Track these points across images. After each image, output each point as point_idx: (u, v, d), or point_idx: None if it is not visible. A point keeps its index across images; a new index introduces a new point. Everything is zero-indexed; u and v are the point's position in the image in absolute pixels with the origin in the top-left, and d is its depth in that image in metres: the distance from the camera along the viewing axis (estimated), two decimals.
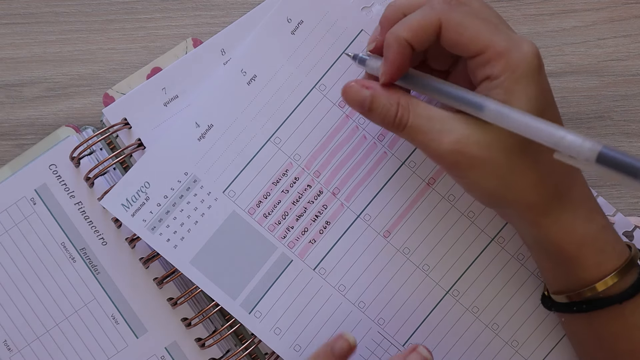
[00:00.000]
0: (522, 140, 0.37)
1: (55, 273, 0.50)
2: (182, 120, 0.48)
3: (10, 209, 0.50)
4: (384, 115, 0.40)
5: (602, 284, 0.40)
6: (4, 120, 0.52)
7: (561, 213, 0.39)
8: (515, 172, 0.38)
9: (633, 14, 0.52)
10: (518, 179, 0.39)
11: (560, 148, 0.34)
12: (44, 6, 0.52)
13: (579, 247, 0.40)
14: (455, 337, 0.49)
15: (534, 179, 0.39)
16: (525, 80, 0.37)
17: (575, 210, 0.40)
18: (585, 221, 0.40)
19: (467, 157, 0.38)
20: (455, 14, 0.38)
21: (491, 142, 0.38)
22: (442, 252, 0.49)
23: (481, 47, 0.37)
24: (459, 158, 0.38)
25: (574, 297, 0.41)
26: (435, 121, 0.39)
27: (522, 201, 0.40)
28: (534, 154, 0.38)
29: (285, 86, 0.49)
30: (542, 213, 0.40)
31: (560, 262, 0.41)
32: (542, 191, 0.39)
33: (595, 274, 0.40)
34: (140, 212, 0.48)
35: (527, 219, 0.40)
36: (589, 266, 0.40)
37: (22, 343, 0.49)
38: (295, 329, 0.49)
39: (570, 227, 0.40)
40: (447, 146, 0.38)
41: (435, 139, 0.38)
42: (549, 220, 0.40)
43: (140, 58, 0.52)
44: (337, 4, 0.48)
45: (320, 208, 0.49)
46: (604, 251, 0.40)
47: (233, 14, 0.52)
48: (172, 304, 0.49)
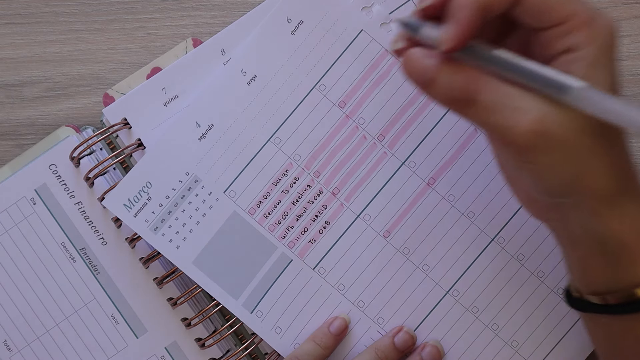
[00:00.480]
0: (600, 122, 0.33)
1: (55, 273, 0.50)
2: (182, 120, 0.48)
3: (10, 209, 0.50)
4: (450, 88, 0.35)
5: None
6: (4, 120, 0.52)
7: (627, 203, 0.36)
8: (594, 156, 0.35)
9: (633, 14, 0.52)
10: (596, 162, 0.35)
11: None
12: (44, 6, 0.52)
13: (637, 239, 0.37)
14: (455, 337, 0.49)
15: (610, 163, 0.35)
16: (609, 54, 0.34)
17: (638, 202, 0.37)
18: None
19: (548, 138, 0.34)
20: None
21: (572, 122, 0.34)
22: (442, 252, 0.49)
23: (566, 15, 0.34)
24: (538, 140, 0.34)
25: (618, 298, 0.38)
26: (511, 97, 0.34)
27: (595, 187, 0.36)
28: (610, 137, 0.35)
29: (285, 86, 0.49)
30: (609, 201, 0.36)
31: (614, 257, 0.38)
32: (615, 177, 0.36)
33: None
34: (143, 213, 0.48)
35: (591, 208, 0.37)
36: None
37: (22, 343, 0.49)
38: (296, 328, 0.49)
39: (634, 218, 0.37)
40: (526, 126, 0.33)
41: (512, 118, 0.34)
42: (615, 210, 0.36)
43: (140, 58, 0.52)
44: (337, 4, 0.48)
45: (320, 208, 0.49)
46: None
47: (233, 14, 0.52)
48: (172, 304, 0.49)
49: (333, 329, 0.48)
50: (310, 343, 0.48)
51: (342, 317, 0.49)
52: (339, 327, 0.48)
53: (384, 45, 0.48)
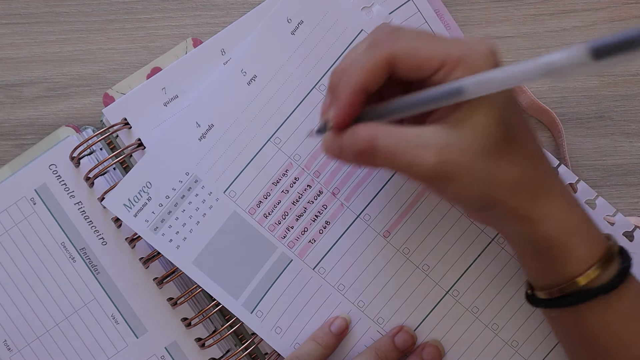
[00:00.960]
0: (500, 138, 0.37)
1: (55, 273, 0.50)
2: (182, 120, 0.48)
3: (10, 209, 0.50)
4: (353, 146, 0.38)
5: (586, 276, 0.39)
6: (4, 120, 0.52)
7: (548, 205, 0.39)
8: (499, 171, 0.38)
9: (633, 14, 0.52)
10: (503, 176, 0.38)
11: (553, 73, 0.31)
12: (44, 6, 0.52)
13: (569, 236, 0.40)
14: (455, 337, 0.49)
15: (518, 174, 0.38)
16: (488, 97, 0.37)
17: (559, 201, 0.40)
18: (569, 212, 0.40)
19: (452, 165, 0.37)
20: (402, 42, 0.38)
21: (471, 145, 0.37)
22: (442, 252, 0.49)
23: (440, 61, 0.37)
24: (445, 169, 0.37)
25: (560, 291, 0.41)
26: (410, 137, 0.37)
27: (510, 198, 0.39)
28: (514, 149, 0.38)
29: (285, 86, 0.49)
30: (530, 207, 0.39)
31: (548, 255, 0.41)
32: (528, 185, 0.39)
33: (582, 265, 0.40)
34: (143, 213, 0.48)
35: (516, 215, 0.40)
36: (578, 257, 0.40)
37: (22, 343, 0.49)
38: (296, 328, 0.49)
39: (558, 218, 0.39)
40: (431, 160, 0.36)
41: (415, 156, 0.37)
42: (539, 213, 0.39)
43: (140, 58, 0.52)
44: (337, 4, 0.48)
45: (320, 208, 0.49)
46: (590, 239, 0.40)
47: (233, 14, 0.52)
48: (172, 304, 0.49)
49: (334, 328, 0.48)
50: (311, 343, 0.48)
51: (343, 317, 0.49)
52: (340, 326, 0.48)
53: None
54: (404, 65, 0.38)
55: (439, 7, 0.50)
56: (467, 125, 0.37)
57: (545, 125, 0.52)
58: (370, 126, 0.38)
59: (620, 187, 0.52)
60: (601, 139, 0.52)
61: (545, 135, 0.52)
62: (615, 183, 0.52)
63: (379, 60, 0.38)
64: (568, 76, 0.30)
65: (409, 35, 0.38)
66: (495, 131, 0.37)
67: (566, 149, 0.51)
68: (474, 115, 0.37)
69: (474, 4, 0.52)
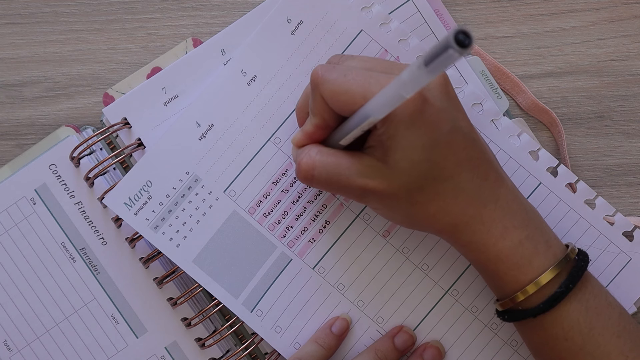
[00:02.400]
0: (421, 179, 0.39)
1: (55, 273, 0.50)
2: (183, 120, 0.48)
3: (10, 209, 0.50)
4: (297, 171, 0.42)
5: (520, 295, 0.41)
6: (4, 120, 0.52)
7: (471, 235, 0.41)
8: (415, 206, 0.41)
9: (633, 14, 0.52)
10: (419, 211, 0.41)
11: (410, 90, 0.33)
12: (44, 6, 0.52)
13: (495, 263, 0.41)
14: (455, 336, 0.49)
15: (435, 211, 0.41)
16: (403, 128, 0.38)
17: (487, 230, 0.41)
18: (498, 240, 0.41)
19: (374, 192, 0.40)
20: (326, 85, 0.40)
21: (392, 181, 0.40)
22: (441, 252, 0.49)
23: (362, 100, 0.38)
24: (366, 194, 0.41)
25: (503, 305, 0.43)
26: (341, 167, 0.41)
27: (430, 228, 0.42)
28: (434, 188, 0.40)
29: (285, 86, 0.49)
30: (452, 237, 0.42)
31: (485, 276, 0.43)
32: (445, 219, 0.41)
33: (514, 287, 0.41)
34: (143, 211, 0.48)
35: (451, 241, 0.43)
36: (507, 281, 0.41)
37: (22, 343, 0.49)
38: (295, 327, 0.49)
39: (483, 247, 0.41)
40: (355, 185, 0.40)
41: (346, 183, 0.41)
42: (462, 242, 0.42)
43: (140, 58, 0.52)
44: (337, 4, 0.48)
45: (319, 208, 0.49)
46: (520, 266, 0.41)
47: (233, 14, 0.52)
48: (172, 304, 0.49)
49: (335, 329, 0.48)
50: (312, 344, 0.47)
51: (344, 318, 0.49)
52: (341, 327, 0.48)
53: (384, 45, 0.48)
54: (333, 107, 0.40)
55: (438, 7, 0.51)
56: (391, 159, 0.39)
57: (545, 125, 0.52)
58: (312, 153, 0.41)
59: (620, 187, 0.52)
60: (601, 139, 0.52)
61: (545, 135, 0.52)
62: (615, 183, 0.52)
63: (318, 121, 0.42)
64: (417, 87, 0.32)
65: (338, 73, 0.40)
66: (412, 172, 0.39)
67: (566, 149, 0.51)
68: (397, 151, 0.39)
69: (474, 4, 0.52)
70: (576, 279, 0.41)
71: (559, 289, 0.40)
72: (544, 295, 0.40)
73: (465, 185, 0.40)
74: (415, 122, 0.38)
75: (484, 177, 0.41)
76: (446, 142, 0.39)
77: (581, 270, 0.41)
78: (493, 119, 0.49)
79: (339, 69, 0.40)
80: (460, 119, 0.41)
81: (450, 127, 0.40)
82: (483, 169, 0.41)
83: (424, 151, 0.39)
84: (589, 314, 0.41)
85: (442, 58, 0.28)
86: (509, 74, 0.51)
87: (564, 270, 0.41)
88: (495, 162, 0.42)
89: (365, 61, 0.42)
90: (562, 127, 0.51)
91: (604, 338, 0.41)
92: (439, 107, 0.39)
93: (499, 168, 0.42)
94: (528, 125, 0.51)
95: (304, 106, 0.45)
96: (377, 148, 0.40)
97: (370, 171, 0.40)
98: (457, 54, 0.27)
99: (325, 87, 0.40)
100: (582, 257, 0.42)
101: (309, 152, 0.42)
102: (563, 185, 0.49)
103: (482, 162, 0.41)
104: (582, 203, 0.49)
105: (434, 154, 0.39)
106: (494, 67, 0.51)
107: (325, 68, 0.41)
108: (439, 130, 0.39)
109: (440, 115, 0.39)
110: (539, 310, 0.40)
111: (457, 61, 0.28)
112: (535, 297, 0.41)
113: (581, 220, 0.49)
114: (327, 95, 0.40)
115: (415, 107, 0.38)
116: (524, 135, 0.49)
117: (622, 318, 0.42)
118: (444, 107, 0.40)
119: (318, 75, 0.40)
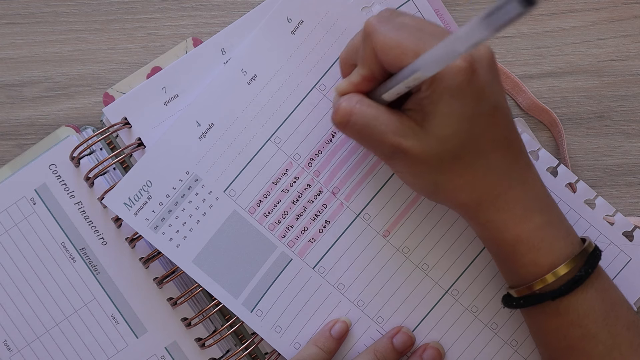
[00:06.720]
0: (457, 149, 0.39)
1: (55, 273, 0.50)
2: (183, 120, 0.48)
3: (10, 209, 0.50)
4: (334, 114, 0.41)
5: (539, 282, 0.41)
6: (4, 120, 0.52)
7: (494, 213, 0.41)
8: (444, 176, 0.40)
9: (633, 14, 0.52)
10: (446, 181, 0.41)
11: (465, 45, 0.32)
12: (44, 6, 0.52)
13: (513, 245, 0.41)
14: (455, 336, 0.49)
15: (462, 183, 0.40)
16: (448, 95, 0.38)
17: (510, 210, 0.41)
18: (520, 220, 0.41)
19: (404, 153, 0.40)
20: (378, 36, 0.39)
21: (427, 146, 0.39)
22: (441, 252, 0.49)
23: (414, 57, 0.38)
24: (396, 154, 0.40)
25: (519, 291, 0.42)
26: (378, 120, 0.40)
27: (451, 201, 0.42)
28: (467, 160, 0.40)
29: (285, 86, 0.49)
30: (473, 213, 0.42)
31: (499, 259, 0.43)
32: (471, 194, 0.41)
33: (532, 271, 0.41)
34: (143, 211, 0.48)
35: (463, 216, 0.43)
36: (525, 264, 0.41)
37: (22, 343, 0.49)
38: (295, 327, 0.49)
39: (503, 226, 0.41)
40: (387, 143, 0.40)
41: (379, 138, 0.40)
42: (482, 220, 0.41)
43: (140, 58, 0.52)
44: (337, 4, 0.48)
45: (320, 207, 0.49)
46: (540, 249, 0.41)
47: (233, 14, 0.52)
48: (172, 304, 0.49)
49: (335, 332, 0.48)
50: (312, 347, 0.47)
51: (343, 320, 0.49)
52: (341, 330, 0.48)
53: None
54: (382, 61, 0.39)
55: (438, 7, 0.51)
56: (430, 124, 0.39)
57: (545, 125, 0.52)
58: (353, 101, 0.41)
59: (620, 187, 0.52)
60: (601, 139, 0.52)
61: (545, 135, 0.52)
62: (615, 183, 0.52)
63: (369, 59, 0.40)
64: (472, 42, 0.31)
65: (391, 27, 0.39)
66: (449, 142, 0.39)
67: (566, 149, 0.51)
68: (437, 117, 0.38)
69: (474, 3, 0.52)
70: (594, 265, 0.41)
71: (579, 273, 0.40)
72: (562, 280, 0.40)
73: (497, 164, 0.40)
74: (461, 91, 0.38)
75: (515, 159, 0.41)
76: (488, 117, 0.39)
77: (598, 258, 0.41)
78: None
79: (393, 23, 0.39)
80: (502, 97, 0.40)
81: (494, 102, 0.39)
82: (515, 151, 0.41)
83: (465, 122, 0.38)
84: (605, 303, 0.41)
85: (504, 11, 0.27)
86: (509, 74, 0.51)
87: (581, 261, 0.41)
88: (524, 147, 0.42)
89: (418, 21, 0.41)
90: (562, 127, 0.51)
91: (615, 329, 0.41)
92: (486, 80, 0.39)
93: (527, 153, 0.42)
94: (528, 125, 0.51)
95: (348, 57, 0.43)
96: (417, 111, 0.39)
97: (407, 131, 0.39)
98: (521, 8, 0.26)
99: (377, 38, 0.39)
100: (597, 248, 0.42)
101: (350, 98, 0.41)
102: (563, 185, 0.49)
103: (516, 144, 0.41)
104: (582, 203, 0.49)
105: (474, 126, 0.39)
106: None
107: (379, 19, 0.40)
108: (484, 104, 0.39)
109: (486, 88, 0.39)
110: (559, 293, 0.40)
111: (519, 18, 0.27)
112: (554, 283, 0.40)
113: (581, 220, 0.49)
114: (379, 47, 0.39)
115: (464, 76, 0.37)
116: (524, 135, 0.49)
117: (630, 312, 0.43)
118: (490, 82, 0.39)
119: (372, 25, 0.40)
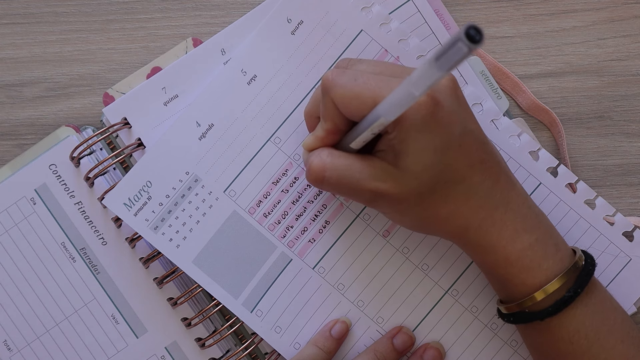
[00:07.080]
0: (433, 182, 0.39)
1: (55, 273, 0.50)
2: (183, 120, 0.48)
3: (10, 209, 0.50)
4: (307, 173, 0.42)
5: (528, 300, 0.41)
6: (4, 120, 0.52)
7: (482, 237, 0.41)
8: (427, 210, 0.41)
9: (633, 14, 0.52)
10: (430, 215, 0.41)
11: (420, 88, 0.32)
12: (44, 6, 0.52)
13: (504, 266, 0.41)
14: (455, 336, 0.49)
15: (446, 214, 0.40)
16: (415, 131, 0.38)
17: (497, 232, 0.41)
18: (507, 242, 0.41)
19: (384, 196, 0.40)
20: (337, 90, 0.40)
21: (403, 184, 0.39)
22: (441, 252, 0.49)
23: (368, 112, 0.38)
24: (377, 198, 0.40)
25: (509, 308, 0.43)
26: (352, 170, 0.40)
27: (440, 232, 0.42)
28: (446, 190, 0.40)
29: (285, 86, 0.49)
30: (463, 240, 0.42)
31: (490, 278, 0.43)
32: (456, 222, 0.41)
33: (522, 290, 0.41)
34: (143, 212, 0.48)
35: (455, 243, 0.43)
36: (516, 284, 0.41)
37: (22, 343, 0.49)
38: (295, 327, 0.49)
39: (492, 249, 0.41)
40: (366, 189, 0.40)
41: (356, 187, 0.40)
42: (472, 245, 0.42)
43: (140, 58, 0.52)
44: (337, 5, 0.48)
45: (319, 207, 0.49)
46: (530, 269, 0.41)
47: (233, 14, 0.52)
48: (172, 304, 0.49)
49: (334, 332, 0.48)
50: (312, 347, 0.48)
51: (343, 320, 0.49)
52: (341, 331, 0.48)
53: (384, 45, 0.48)
54: (344, 112, 0.40)
55: (438, 7, 0.51)
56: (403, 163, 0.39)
57: (545, 125, 0.52)
58: (324, 156, 0.41)
59: (620, 187, 0.52)
60: (601, 139, 0.52)
61: (545, 135, 0.52)
62: (615, 183, 0.52)
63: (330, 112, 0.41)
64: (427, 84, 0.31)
65: (349, 77, 0.40)
66: (424, 176, 0.39)
67: (566, 149, 0.51)
68: (409, 154, 0.39)
69: (474, 3, 0.52)
70: (584, 283, 0.41)
71: (567, 294, 0.40)
72: (551, 299, 0.41)
73: (476, 188, 0.40)
74: (427, 125, 0.38)
75: (495, 180, 0.41)
76: (458, 145, 0.39)
77: (589, 275, 0.41)
78: (493, 119, 0.49)
79: (349, 74, 0.40)
80: (470, 121, 0.41)
81: (462, 129, 0.39)
82: (494, 172, 0.41)
83: (435, 154, 0.39)
84: (595, 319, 0.41)
85: (452, 52, 0.28)
86: (509, 74, 0.51)
87: (572, 276, 0.41)
88: (504, 165, 0.42)
89: (375, 65, 0.42)
90: (562, 127, 0.51)
91: (608, 343, 0.41)
92: (450, 109, 0.39)
93: (508, 171, 0.42)
94: (528, 125, 0.51)
95: (313, 111, 0.44)
96: (388, 152, 0.40)
97: (382, 174, 0.40)
98: (467, 48, 0.27)
99: (336, 92, 0.40)
100: (589, 262, 0.42)
101: (319, 154, 0.41)
102: (563, 185, 0.49)
103: (493, 164, 0.41)
104: (582, 203, 0.49)
105: (446, 156, 0.39)
106: (493, 67, 0.51)
107: (335, 73, 0.40)
108: (451, 133, 0.39)
109: (451, 117, 0.39)
110: (546, 314, 0.41)
111: (467, 57, 0.28)
112: (543, 301, 0.41)
113: (581, 221, 0.49)
114: (338, 100, 0.40)
115: (427, 110, 0.38)
116: (524, 136, 0.49)
117: (625, 324, 0.42)
118: (455, 110, 0.39)
119: (329, 80, 0.40)
